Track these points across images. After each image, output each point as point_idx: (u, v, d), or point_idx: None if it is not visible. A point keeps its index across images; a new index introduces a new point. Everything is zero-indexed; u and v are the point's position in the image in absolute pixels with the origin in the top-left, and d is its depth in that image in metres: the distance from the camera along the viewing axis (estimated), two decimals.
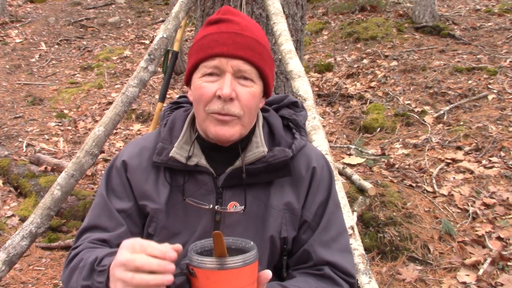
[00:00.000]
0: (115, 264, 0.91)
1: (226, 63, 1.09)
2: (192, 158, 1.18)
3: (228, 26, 1.12)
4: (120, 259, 0.89)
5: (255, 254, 0.90)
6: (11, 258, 2.07)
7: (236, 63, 1.09)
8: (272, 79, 1.20)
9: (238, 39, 1.10)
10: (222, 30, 1.12)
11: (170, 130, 1.23)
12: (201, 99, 1.12)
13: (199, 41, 1.14)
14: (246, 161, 1.16)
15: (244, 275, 0.88)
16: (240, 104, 1.11)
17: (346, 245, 1.26)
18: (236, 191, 1.18)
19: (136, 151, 1.25)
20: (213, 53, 1.09)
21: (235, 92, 1.10)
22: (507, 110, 4.82)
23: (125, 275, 0.87)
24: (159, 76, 6.78)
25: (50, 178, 3.87)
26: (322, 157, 1.28)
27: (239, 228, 1.17)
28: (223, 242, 0.87)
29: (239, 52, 1.09)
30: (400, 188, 3.48)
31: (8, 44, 8.77)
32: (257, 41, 1.13)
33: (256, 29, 1.17)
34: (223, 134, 1.12)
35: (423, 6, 7.69)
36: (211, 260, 0.87)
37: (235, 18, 1.14)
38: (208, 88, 1.11)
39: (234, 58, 1.09)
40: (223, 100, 1.09)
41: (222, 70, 1.10)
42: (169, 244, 0.89)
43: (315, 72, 6.65)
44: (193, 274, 0.88)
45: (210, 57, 1.10)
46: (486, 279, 2.70)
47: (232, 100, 1.10)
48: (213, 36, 1.11)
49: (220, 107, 1.10)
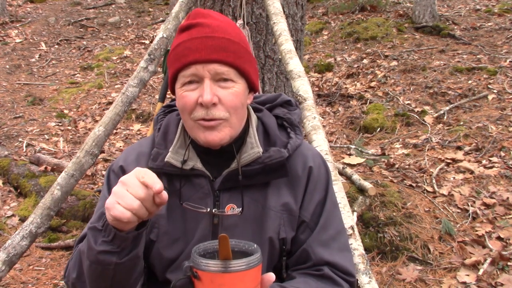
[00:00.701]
0: (119, 180, 0.96)
1: (202, 69, 1.08)
2: (188, 162, 1.17)
3: (199, 31, 1.10)
4: (123, 179, 0.95)
5: (259, 257, 0.90)
6: (11, 258, 2.07)
7: (212, 67, 1.08)
8: (255, 75, 1.19)
9: (210, 42, 1.08)
10: (193, 36, 1.10)
11: (164, 135, 1.23)
12: (185, 108, 1.12)
13: (174, 51, 1.13)
14: (242, 162, 1.16)
15: (248, 278, 0.88)
16: (224, 107, 1.10)
17: (345, 244, 1.25)
18: (233, 193, 1.17)
19: (133, 157, 1.25)
20: (188, 62, 1.08)
21: (217, 96, 1.09)
22: (507, 110, 4.82)
23: (124, 193, 0.93)
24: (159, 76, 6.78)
25: (50, 178, 3.87)
26: (319, 156, 1.28)
27: (237, 230, 1.17)
28: (229, 245, 0.87)
29: (212, 55, 1.08)
30: (400, 188, 3.48)
31: (8, 44, 8.77)
32: (230, 40, 1.11)
33: (229, 27, 1.14)
34: (213, 139, 1.12)
35: (423, 6, 7.68)
36: (216, 263, 0.87)
37: (205, 21, 1.12)
38: (189, 97, 1.10)
39: (209, 63, 1.08)
40: (206, 107, 1.09)
41: (200, 77, 1.09)
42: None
43: (315, 72, 6.65)
44: (197, 276, 0.88)
45: (186, 66, 1.09)
46: (486, 279, 2.70)
47: (215, 104, 1.09)
48: (186, 43, 1.10)
49: (204, 113, 1.09)
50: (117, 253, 1.00)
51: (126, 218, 0.92)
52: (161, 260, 1.19)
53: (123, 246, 1.00)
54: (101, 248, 1.00)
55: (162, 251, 1.18)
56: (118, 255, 1.01)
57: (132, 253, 1.02)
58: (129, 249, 1.02)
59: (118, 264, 1.01)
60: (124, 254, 1.01)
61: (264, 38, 2.95)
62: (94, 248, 1.00)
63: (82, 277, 1.10)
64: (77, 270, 1.11)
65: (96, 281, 1.07)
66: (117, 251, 1.00)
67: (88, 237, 1.03)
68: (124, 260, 1.02)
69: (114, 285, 1.07)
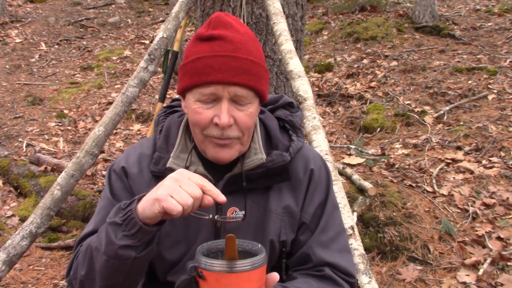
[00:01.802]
0: (168, 179, 0.98)
1: (222, 89, 1.06)
2: (190, 167, 1.17)
3: (222, 46, 1.07)
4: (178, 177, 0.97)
5: (264, 257, 0.90)
6: (11, 258, 2.07)
7: (233, 89, 1.06)
8: (267, 89, 1.17)
9: (233, 63, 1.06)
10: (215, 53, 1.06)
11: (166, 138, 1.22)
12: (198, 124, 1.10)
13: (193, 63, 1.08)
14: (245, 167, 1.16)
15: (253, 278, 0.89)
16: (239, 127, 1.10)
17: (345, 245, 1.26)
18: (236, 197, 1.17)
19: (135, 158, 1.24)
20: (209, 81, 1.06)
21: (233, 118, 1.08)
22: (507, 110, 4.82)
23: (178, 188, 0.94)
24: (159, 76, 6.78)
25: (50, 178, 3.87)
26: (320, 158, 1.28)
27: (239, 234, 1.16)
28: (235, 245, 0.87)
29: (235, 78, 1.06)
30: (400, 188, 3.48)
31: (8, 44, 8.77)
32: (252, 61, 1.09)
33: (251, 42, 1.11)
34: (223, 156, 1.12)
35: (423, 6, 7.68)
36: (221, 263, 0.88)
37: (227, 34, 1.08)
38: (204, 114, 1.09)
39: (231, 85, 1.06)
40: (221, 127, 1.08)
41: (219, 97, 1.07)
42: None
43: (315, 72, 6.65)
44: (202, 276, 0.88)
45: (206, 84, 1.07)
46: (486, 279, 2.70)
47: (230, 126, 1.09)
48: (207, 60, 1.06)
49: (219, 134, 1.09)
50: (136, 248, 1.01)
51: (176, 212, 0.92)
52: (162, 262, 1.19)
53: (143, 240, 1.01)
54: (122, 242, 1.00)
55: (164, 253, 1.18)
56: (137, 250, 1.01)
57: (150, 247, 1.03)
58: (147, 242, 1.02)
59: (136, 258, 1.02)
60: (142, 247, 1.02)
61: (264, 38, 2.95)
62: (115, 242, 1.00)
63: (91, 274, 1.10)
64: (87, 267, 1.10)
65: (110, 276, 1.06)
66: (137, 245, 1.00)
67: (107, 232, 1.02)
68: (142, 254, 1.02)
69: (126, 280, 1.07)
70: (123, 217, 1.00)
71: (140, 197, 1.01)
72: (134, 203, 1.01)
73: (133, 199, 1.03)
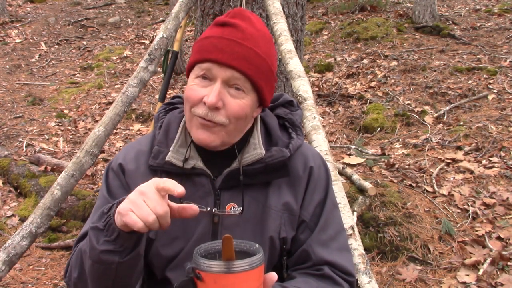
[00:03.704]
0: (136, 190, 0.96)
1: (218, 69, 1.07)
2: (189, 161, 1.17)
3: (231, 32, 1.09)
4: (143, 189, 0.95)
5: (261, 257, 0.90)
6: (11, 258, 2.07)
7: (229, 72, 1.07)
8: (269, 92, 1.17)
9: (237, 48, 1.07)
10: (224, 36, 1.09)
11: (166, 133, 1.22)
12: (189, 100, 1.12)
13: (201, 41, 1.12)
14: (243, 162, 1.16)
15: (251, 278, 0.88)
16: (226, 113, 1.09)
17: (345, 244, 1.25)
18: (234, 193, 1.17)
19: (132, 155, 1.23)
20: (208, 58, 1.08)
21: (222, 102, 1.08)
22: (507, 110, 4.82)
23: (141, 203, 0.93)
24: (159, 76, 6.79)
25: (50, 178, 3.87)
26: (319, 157, 1.28)
27: (238, 230, 1.16)
28: (232, 246, 0.87)
29: (234, 62, 1.07)
30: (400, 188, 3.48)
31: (8, 44, 8.77)
32: (257, 53, 1.09)
33: (262, 39, 1.12)
34: (204, 139, 1.12)
35: (423, 6, 7.69)
36: (219, 263, 0.87)
37: (242, 24, 1.10)
38: (197, 91, 1.10)
39: (227, 67, 1.07)
40: (208, 107, 1.08)
41: (214, 76, 1.08)
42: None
43: (315, 72, 6.65)
44: (200, 278, 0.88)
45: (205, 61, 1.09)
46: (486, 279, 2.70)
47: (218, 109, 1.08)
48: (214, 40, 1.09)
49: (204, 113, 1.09)
50: (119, 252, 1.00)
51: (137, 228, 0.92)
52: (160, 258, 1.19)
53: (126, 246, 1.00)
54: (104, 247, 0.99)
55: (161, 249, 1.18)
56: (120, 254, 1.00)
57: (134, 251, 1.02)
58: (131, 248, 1.01)
59: (121, 263, 1.01)
60: (126, 253, 1.01)
61: None
62: (96, 247, 1.00)
63: (83, 276, 1.10)
64: (78, 269, 1.11)
65: (98, 280, 1.06)
66: (119, 250, 1.00)
67: (89, 237, 1.03)
68: (126, 259, 1.01)
69: (115, 284, 1.07)
70: (104, 222, 1.00)
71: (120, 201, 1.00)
72: (114, 207, 1.00)
73: (113, 203, 1.02)
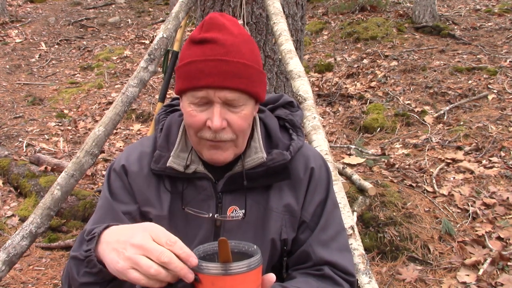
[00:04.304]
0: (130, 242, 0.87)
1: (213, 94, 1.06)
2: (190, 165, 1.17)
3: (213, 50, 1.06)
4: (140, 242, 0.86)
5: (259, 258, 0.90)
6: (11, 258, 2.07)
7: (223, 94, 1.06)
8: (263, 90, 1.17)
9: (224, 67, 1.05)
10: (206, 57, 1.05)
11: (166, 137, 1.22)
12: (192, 126, 1.11)
13: (185, 67, 1.09)
14: (245, 166, 1.16)
15: (249, 280, 0.88)
16: (232, 130, 1.09)
17: (345, 244, 1.26)
18: (236, 196, 1.17)
19: (135, 156, 1.23)
20: (200, 85, 1.06)
21: (226, 120, 1.08)
22: (507, 110, 4.82)
23: (140, 259, 0.84)
24: (159, 76, 6.78)
25: (50, 178, 3.87)
26: (320, 157, 1.28)
27: (240, 233, 1.17)
28: (228, 248, 0.86)
29: (226, 82, 1.05)
30: (400, 188, 3.48)
31: (8, 44, 8.77)
32: (245, 64, 1.07)
33: (244, 44, 1.10)
34: (217, 158, 1.12)
35: (423, 6, 7.69)
36: (216, 265, 0.87)
37: (220, 37, 1.07)
38: (198, 117, 1.09)
39: (222, 89, 1.05)
40: (214, 131, 1.08)
41: (210, 100, 1.07)
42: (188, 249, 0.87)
43: (315, 72, 6.65)
44: (198, 279, 0.88)
45: (197, 89, 1.07)
46: (486, 279, 2.70)
47: (224, 128, 1.08)
48: (199, 64, 1.06)
49: (212, 136, 1.09)
50: (100, 284, 0.99)
51: (143, 283, 0.86)
52: None
53: (107, 278, 0.98)
54: (84, 279, 0.98)
55: None
56: (101, 285, 0.99)
57: (116, 281, 0.98)
58: (112, 278, 0.97)
59: None
60: (107, 283, 1.00)
61: (264, 38, 2.95)
62: (76, 279, 0.99)
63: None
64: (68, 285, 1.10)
65: None
66: (100, 282, 0.99)
67: (70, 265, 1.02)
68: None
69: None
70: (85, 253, 0.96)
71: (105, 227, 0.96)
72: (95, 239, 0.95)
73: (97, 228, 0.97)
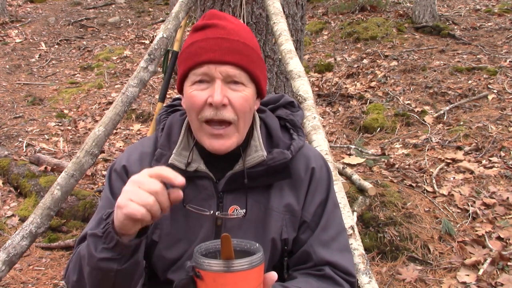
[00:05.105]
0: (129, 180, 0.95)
1: (214, 69, 1.07)
2: (192, 164, 1.17)
3: (214, 31, 1.10)
4: (135, 178, 0.94)
5: (261, 256, 0.90)
6: (11, 258, 2.07)
7: (224, 69, 1.08)
8: (264, 81, 1.18)
9: (225, 44, 1.08)
10: (208, 36, 1.09)
11: (168, 136, 1.22)
12: (193, 107, 1.11)
13: (187, 49, 1.12)
14: (246, 165, 1.16)
15: (251, 277, 0.88)
16: (234, 109, 1.10)
17: (346, 244, 1.26)
18: (237, 195, 1.17)
19: (136, 157, 1.24)
20: (201, 61, 1.08)
21: (227, 98, 1.09)
22: (507, 110, 4.82)
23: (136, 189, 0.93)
24: (159, 76, 6.78)
25: (50, 178, 3.87)
26: (321, 157, 1.28)
27: (240, 232, 1.17)
28: (231, 245, 0.87)
29: (226, 57, 1.07)
30: (400, 188, 3.48)
31: (8, 44, 8.77)
32: (245, 44, 1.11)
33: (244, 31, 1.14)
34: (219, 147, 1.12)
35: (423, 6, 7.69)
36: (218, 262, 0.87)
37: (221, 22, 1.12)
38: (199, 96, 1.09)
39: (222, 64, 1.07)
40: (215, 107, 1.08)
41: (212, 77, 1.08)
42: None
43: (315, 72, 6.65)
44: (200, 276, 0.88)
45: (198, 65, 1.08)
46: (486, 279, 2.70)
47: (225, 106, 1.09)
48: (200, 43, 1.09)
49: (213, 114, 1.09)
50: (118, 260, 1.00)
51: (140, 215, 0.91)
52: (163, 260, 1.19)
53: (124, 253, 0.99)
54: (102, 255, 0.99)
55: (164, 252, 1.18)
56: (119, 262, 1.00)
57: (133, 258, 1.02)
58: (129, 255, 1.01)
59: (119, 270, 1.01)
60: (124, 260, 1.01)
61: (264, 38, 2.95)
62: (94, 255, 1.00)
63: (82, 281, 1.10)
64: (77, 274, 1.11)
65: (97, 286, 1.06)
66: (118, 258, 0.99)
67: (88, 243, 1.02)
68: (124, 266, 1.01)
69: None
70: (102, 229, 0.99)
71: None
72: (112, 214, 0.98)
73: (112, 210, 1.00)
